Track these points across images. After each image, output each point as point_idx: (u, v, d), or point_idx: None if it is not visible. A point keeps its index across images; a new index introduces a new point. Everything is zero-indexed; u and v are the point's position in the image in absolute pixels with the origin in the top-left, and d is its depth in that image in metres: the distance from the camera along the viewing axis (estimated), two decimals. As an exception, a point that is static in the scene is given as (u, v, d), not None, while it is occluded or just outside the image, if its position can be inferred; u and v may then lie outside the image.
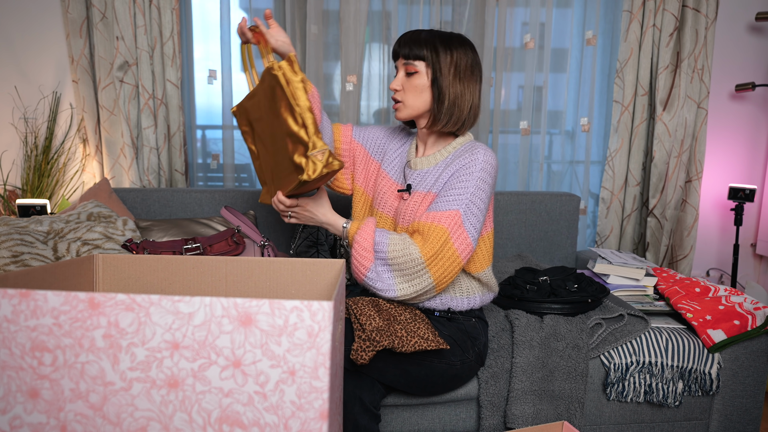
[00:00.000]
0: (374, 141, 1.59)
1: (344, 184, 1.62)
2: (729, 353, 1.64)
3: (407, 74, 1.40)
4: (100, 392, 0.62)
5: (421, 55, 1.37)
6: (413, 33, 1.40)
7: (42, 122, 2.31)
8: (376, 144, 1.58)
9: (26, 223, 1.68)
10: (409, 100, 1.41)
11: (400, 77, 1.42)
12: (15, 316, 0.61)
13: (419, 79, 1.39)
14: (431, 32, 1.40)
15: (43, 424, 0.62)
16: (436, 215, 1.32)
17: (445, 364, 1.38)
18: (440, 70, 1.37)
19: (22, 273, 0.76)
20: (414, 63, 1.38)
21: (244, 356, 0.61)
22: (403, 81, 1.41)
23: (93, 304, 0.60)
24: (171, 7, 2.18)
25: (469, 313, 1.46)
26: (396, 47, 1.42)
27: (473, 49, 1.42)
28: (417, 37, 1.39)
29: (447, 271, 1.30)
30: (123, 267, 0.96)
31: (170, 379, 0.61)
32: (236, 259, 0.98)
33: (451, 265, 1.30)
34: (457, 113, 1.40)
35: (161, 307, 0.60)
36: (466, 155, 1.38)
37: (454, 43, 1.39)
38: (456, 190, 1.33)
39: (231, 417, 0.62)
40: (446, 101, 1.38)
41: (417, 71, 1.39)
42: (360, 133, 1.60)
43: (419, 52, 1.37)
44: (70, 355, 0.61)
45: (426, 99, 1.40)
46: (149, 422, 0.62)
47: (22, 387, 0.62)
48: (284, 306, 0.60)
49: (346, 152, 1.58)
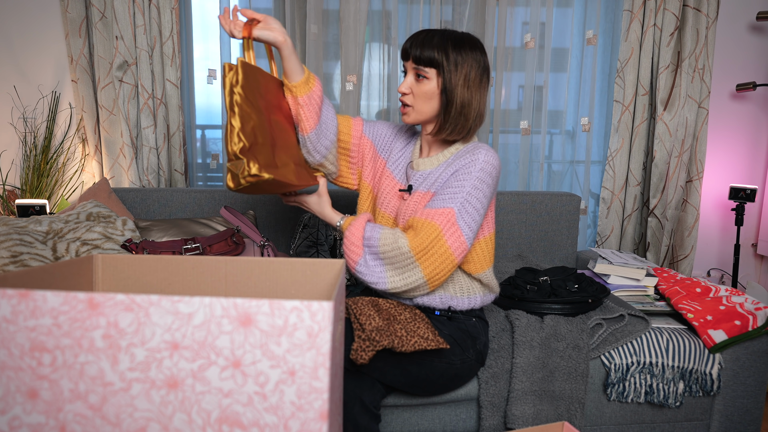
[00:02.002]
0: (382, 138, 1.57)
1: (350, 179, 1.60)
2: (730, 353, 1.64)
3: (417, 78, 1.38)
4: (100, 393, 0.61)
5: (433, 61, 1.34)
6: (426, 35, 1.36)
7: (41, 122, 2.30)
8: (384, 141, 1.57)
9: (25, 223, 1.67)
10: (418, 105, 1.39)
11: (409, 81, 1.39)
12: (14, 316, 0.61)
13: (429, 85, 1.36)
14: (444, 35, 1.36)
15: (42, 425, 0.62)
16: (430, 212, 1.31)
17: (445, 363, 1.38)
18: (451, 80, 1.34)
19: (21, 273, 0.76)
20: (425, 69, 1.35)
21: (244, 356, 0.61)
22: (412, 85, 1.38)
23: (92, 304, 0.60)
24: (170, 6, 2.17)
25: (470, 312, 1.46)
26: (407, 46, 1.38)
27: (483, 52, 1.39)
28: (430, 40, 1.34)
29: (439, 268, 1.30)
30: (122, 267, 0.96)
31: (170, 379, 0.61)
32: (236, 259, 0.97)
33: (444, 263, 1.29)
34: (462, 122, 1.38)
35: (161, 308, 0.60)
36: (467, 155, 1.37)
37: (465, 47, 1.35)
38: (453, 189, 1.33)
39: (231, 417, 0.62)
40: (453, 111, 1.36)
41: (427, 77, 1.36)
42: (370, 128, 1.58)
43: (431, 58, 1.34)
44: (70, 355, 0.61)
45: (435, 105, 1.38)
46: (149, 423, 0.61)
47: (21, 387, 0.61)
48: (284, 306, 0.60)
49: (356, 147, 1.56)
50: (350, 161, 1.57)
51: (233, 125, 1.13)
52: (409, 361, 1.34)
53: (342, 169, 1.57)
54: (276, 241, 2.20)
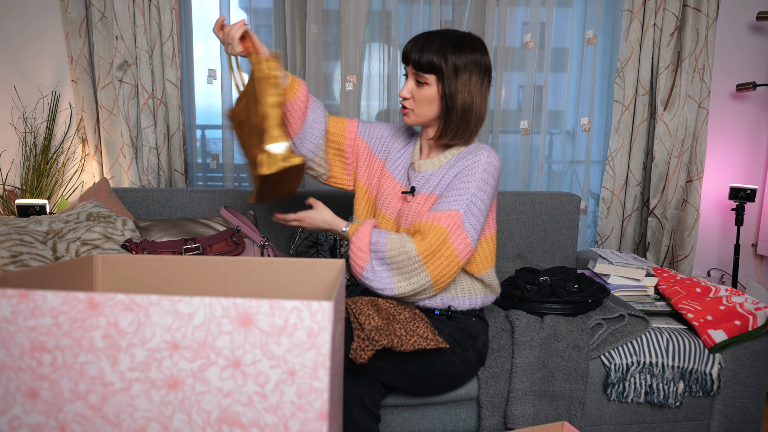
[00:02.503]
0: (379, 139, 1.57)
1: (344, 180, 1.61)
2: (730, 353, 1.64)
3: (417, 83, 1.37)
4: (100, 393, 0.61)
5: (432, 67, 1.33)
6: (426, 39, 1.35)
7: (41, 122, 2.30)
8: (381, 142, 1.57)
9: (25, 223, 1.68)
10: (419, 109, 1.39)
11: (410, 85, 1.39)
12: (14, 316, 0.61)
13: (429, 90, 1.36)
14: (444, 38, 1.34)
15: (42, 425, 0.62)
16: (436, 215, 1.32)
17: (445, 362, 1.38)
18: (450, 86, 1.34)
19: (20, 273, 0.76)
20: (425, 76, 1.35)
21: (244, 356, 0.61)
22: (413, 89, 1.38)
23: (92, 304, 0.60)
24: (170, 6, 2.17)
25: (470, 312, 1.46)
26: (407, 49, 1.38)
27: (484, 51, 1.38)
28: (429, 45, 1.34)
29: (445, 271, 1.30)
30: (122, 267, 0.96)
31: (170, 379, 0.61)
32: (236, 259, 0.97)
33: (450, 265, 1.30)
34: (463, 127, 1.38)
35: (161, 308, 0.60)
36: (469, 157, 1.37)
37: (465, 50, 1.34)
38: (457, 191, 1.33)
39: (231, 417, 0.62)
40: (454, 116, 1.36)
41: (427, 83, 1.35)
42: (365, 129, 1.58)
43: (430, 63, 1.33)
44: (70, 355, 0.61)
45: (435, 109, 1.38)
46: (149, 423, 0.61)
47: (21, 387, 0.62)
48: (284, 306, 0.60)
49: (350, 148, 1.57)
50: (345, 162, 1.57)
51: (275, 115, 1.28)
52: (408, 361, 1.34)
53: (336, 169, 1.58)
54: (276, 241, 2.21)
